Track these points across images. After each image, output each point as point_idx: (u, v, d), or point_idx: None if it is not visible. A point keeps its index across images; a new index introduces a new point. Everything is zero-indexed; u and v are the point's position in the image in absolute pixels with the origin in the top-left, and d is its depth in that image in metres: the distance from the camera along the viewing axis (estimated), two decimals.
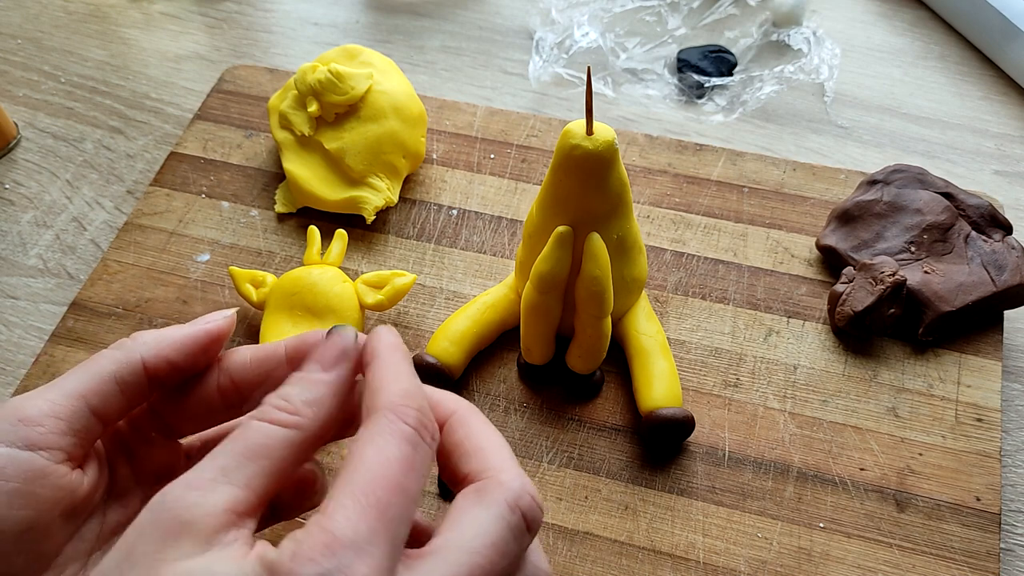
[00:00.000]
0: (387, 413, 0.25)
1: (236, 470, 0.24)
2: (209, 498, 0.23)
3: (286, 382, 0.27)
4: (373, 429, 0.25)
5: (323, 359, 0.27)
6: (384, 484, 0.24)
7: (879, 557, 0.40)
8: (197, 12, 0.69)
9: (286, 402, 0.26)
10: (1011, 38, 0.62)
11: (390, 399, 0.26)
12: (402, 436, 0.25)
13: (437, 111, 0.58)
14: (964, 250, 0.48)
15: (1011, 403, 0.47)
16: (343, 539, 0.22)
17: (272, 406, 0.26)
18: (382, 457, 0.24)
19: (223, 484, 0.24)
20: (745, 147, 0.59)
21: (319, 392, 0.26)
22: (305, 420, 0.26)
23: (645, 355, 0.44)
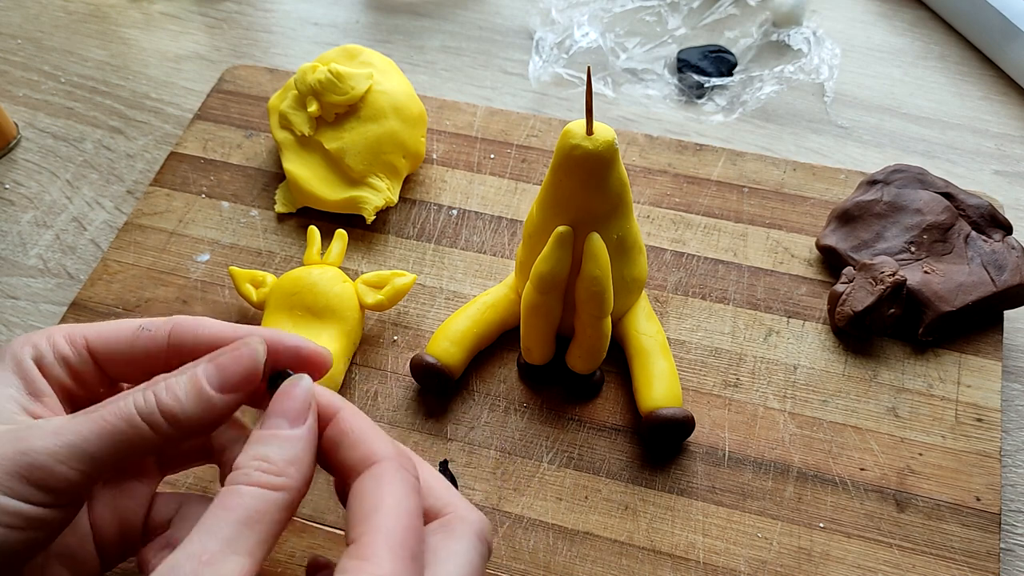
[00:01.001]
0: (392, 464, 0.27)
1: (239, 540, 0.25)
2: (221, 572, 0.24)
3: (259, 440, 0.28)
4: (385, 479, 0.27)
5: (289, 413, 0.28)
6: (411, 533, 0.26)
7: (879, 557, 0.40)
8: (197, 12, 0.69)
9: (270, 464, 0.27)
10: (1011, 38, 0.62)
11: (387, 449, 0.28)
12: (411, 486, 0.27)
13: (437, 111, 0.58)
14: (964, 250, 0.48)
15: (1011, 403, 0.47)
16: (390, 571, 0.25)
17: (256, 469, 0.27)
18: (403, 508, 0.26)
19: (231, 555, 0.25)
20: (745, 147, 0.59)
21: (297, 449, 0.27)
22: (291, 480, 0.27)
23: (645, 355, 0.44)
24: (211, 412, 0.29)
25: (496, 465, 0.43)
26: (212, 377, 0.30)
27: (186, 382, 0.29)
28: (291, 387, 0.29)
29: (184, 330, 0.33)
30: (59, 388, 0.33)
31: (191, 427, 0.29)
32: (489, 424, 0.45)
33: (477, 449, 0.44)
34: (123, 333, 0.33)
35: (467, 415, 0.45)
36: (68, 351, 0.33)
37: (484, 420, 0.45)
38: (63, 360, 0.33)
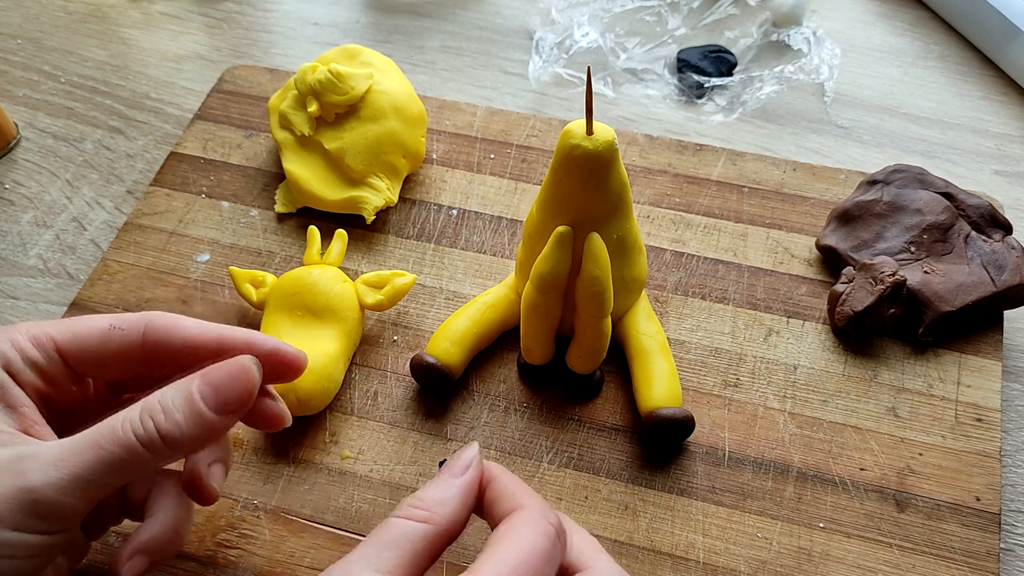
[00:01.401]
0: (533, 510, 0.29)
1: (378, 557, 0.28)
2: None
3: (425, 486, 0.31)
4: (522, 520, 0.29)
5: (453, 468, 0.31)
6: (526, 567, 0.28)
7: (879, 557, 0.40)
8: (197, 12, 0.69)
9: (421, 501, 0.30)
10: (1011, 38, 0.62)
11: (534, 501, 0.30)
12: (546, 532, 0.29)
13: (437, 111, 0.58)
14: (964, 250, 0.48)
15: (1011, 403, 0.47)
16: None
17: (409, 505, 0.30)
18: (528, 545, 0.28)
19: (367, 570, 0.27)
20: (745, 147, 0.59)
21: (449, 493, 0.30)
22: (436, 516, 0.29)
23: (645, 355, 0.44)
24: (209, 433, 0.31)
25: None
26: (209, 398, 0.31)
27: (183, 405, 0.30)
28: (463, 451, 0.32)
29: (159, 330, 0.34)
30: (33, 392, 0.33)
31: (190, 449, 0.30)
32: (489, 424, 0.45)
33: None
34: (94, 332, 0.34)
35: (467, 415, 0.45)
36: (37, 355, 0.33)
37: (484, 420, 0.45)
38: (33, 365, 0.33)
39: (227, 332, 0.34)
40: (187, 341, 0.34)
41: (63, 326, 0.34)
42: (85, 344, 0.34)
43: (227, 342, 0.34)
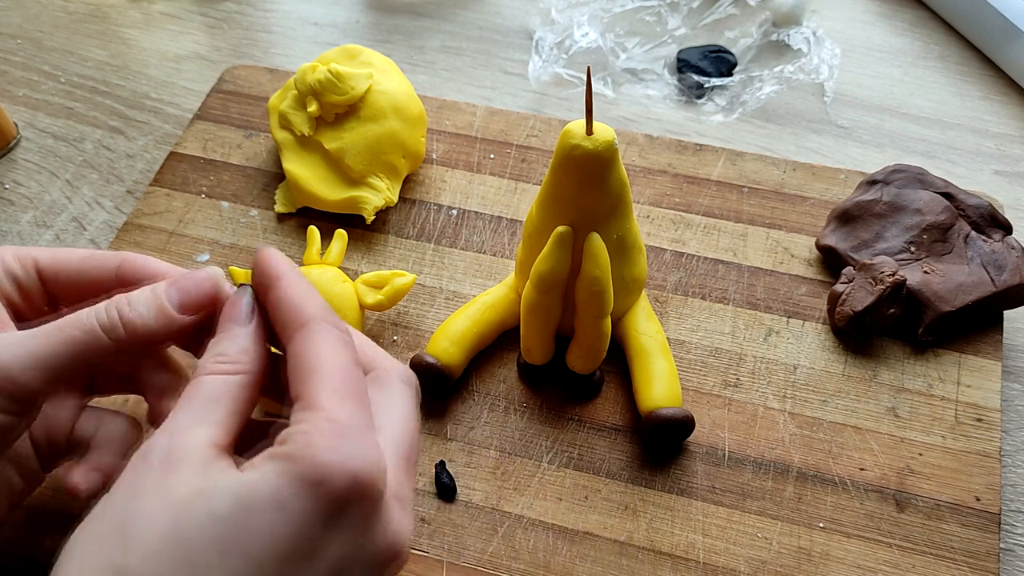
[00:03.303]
0: (321, 323, 0.30)
1: (205, 413, 0.28)
2: (191, 438, 0.27)
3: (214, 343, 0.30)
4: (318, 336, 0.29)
5: (237, 318, 0.31)
6: (351, 379, 0.29)
7: (879, 557, 0.40)
8: (197, 12, 0.69)
9: (224, 355, 0.30)
10: (1011, 38, 0.62)
11: (316, 311, 0.30)
12: (342, 340, 0.30)
13: (437, 111, 0.58)
14: (964, 250, 0.48)
15: (1011, 403, 0.47)
16: (349, 425, 0.27)
17: (213, 361, 0.30)
18: (339, 359, 0.29)
19: (198, 425, 0.28)
20: (745, 147, 0.59)
21: (247, 341, 0.30)
22: (245, 365, 0.30)
23: (645, 355, 0.44)
24: (169, 329, 0.32)
25: (496, 465, 0.43)
26: (174, 298, 0.32)
27: (148, 299, 0.32)
28: (237, 297, 0.32)
29: (133, 265, 0.35)
30: (5, 301, 0.35)
31: (148, 342, 0.31)
32: (489, 424, 0.45)
33: (477, 449, 0.44)
34: (72, 258, 0.36)
35: (467, 415, 0.45)
36: (17, 269, 0.35)
37: (484, 420, 0.45)
38: (12, 277, 0.35)
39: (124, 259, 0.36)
40: (161, 275, 0.35)
41: (45, 250, 0.36)
42: (63, 267, 0.36)
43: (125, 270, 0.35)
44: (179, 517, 0.25)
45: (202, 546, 0.25)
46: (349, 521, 0.27)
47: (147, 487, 0.26)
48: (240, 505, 0.26)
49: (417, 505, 0.42)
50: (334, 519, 0.27)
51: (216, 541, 0.25)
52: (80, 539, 0.26)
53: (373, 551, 0.28)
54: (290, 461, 0.26)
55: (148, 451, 0.27)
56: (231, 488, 0.26)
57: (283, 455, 0.26)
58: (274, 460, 0.26)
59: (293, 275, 0.31)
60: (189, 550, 0.25)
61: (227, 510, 0.25)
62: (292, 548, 0.26)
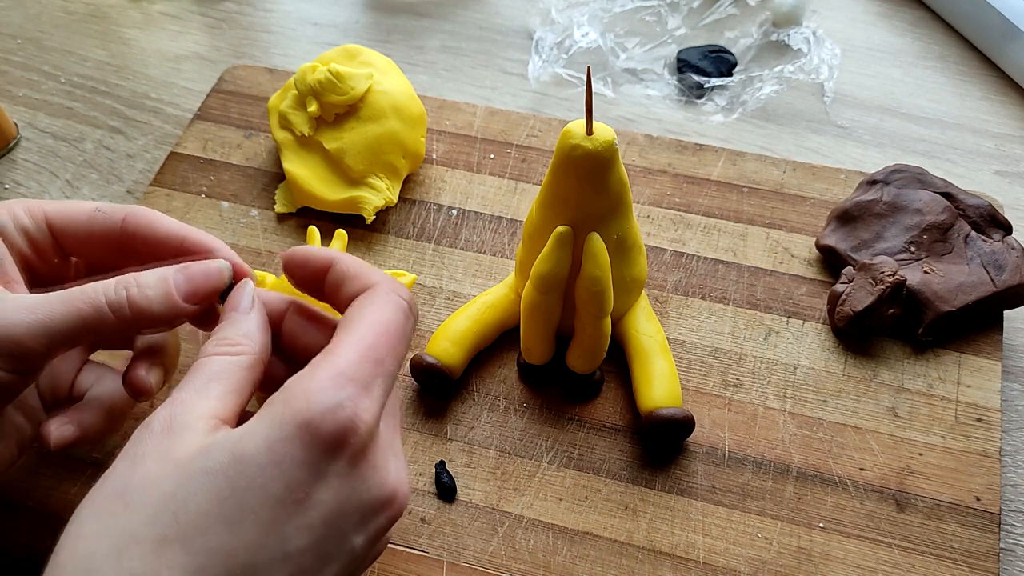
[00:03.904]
0: (384, 287, 0.31)
1: (206, 389, 0.29)
2: (193, 407, 0.28)
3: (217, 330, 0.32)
4: (374, 298, 0.30)
5: (239, 307, 0.33)
6: (383, 341, 0.29)
7: (879, 557, 0.40)
8: (197, 12, 0.69)
9: (227, 339, 0.31)
10: (1011, 38, 0.62)
11: (381, 278, 0.31)
12: (399, 307, 0.30)
13: (437, 111, 0.58)
14: (964, 250, 0.48)
15: (1011, 403, 0.47)
16: (350, 375, 0.28)
17: (215, 344, 0.31)
18: (383, 319, 0.30)
19: (200, 399, 0.29)
20: (745, 147, 0.59)
21: (249, 326, 0.32)
22: (247, 347, 0.31)
23: (645, 355, 0.44)
24: (171, 315, 0.33)
25: (496, 465, 0.43)
26: (182, 287, 0.33)
27: (157, 284, 0.33)
28: (239, 290, 0.33)
29: (139, 221, 0.36)
30: (18, 255, 0.36)
31: (151, 324, 0.33)
32: (489, 424, 0.45)
33: (477, 449, 0.44)
34: (81, 212, 0.37)
35: (467, 415, 0.45)
36: (28, 222, 0.36)
37: (484, 420, 0.45)
38: (23, 230, 0.36)
39: (193, 235, 0.36)
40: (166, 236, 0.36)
41: (55, 204, 0.37)
42: (71, 219, 0.37)
43: (192, 243, 0.36)
44: (179, 476, 0.26)
45: (199, 500, 0.26)
46: (338, 468, 0.27)
47: (149, 453, 0.27)
48: (232, 457, 0.26)
49: (417, 505, 0.42)
50: (322, 464, 0.27)
51: (212, 493, 0.26)
52: (85, 509, 0.27)
53: (367, 498, 0.28)
54: (282, 405, 0.27)
55: (150, 421, 0.28)
56: (227, 440, 0.27)
57: (279, 400, 0.27)
58: (271, 405, 0.27)
59: (345, 254, 0.33)
60: (188, 506, 0.26)
61: (221, 462, 0.26)
62: (283, 495, 0.26)
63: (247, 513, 0.26)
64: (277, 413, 0.27)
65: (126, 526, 0.26)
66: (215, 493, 0.26)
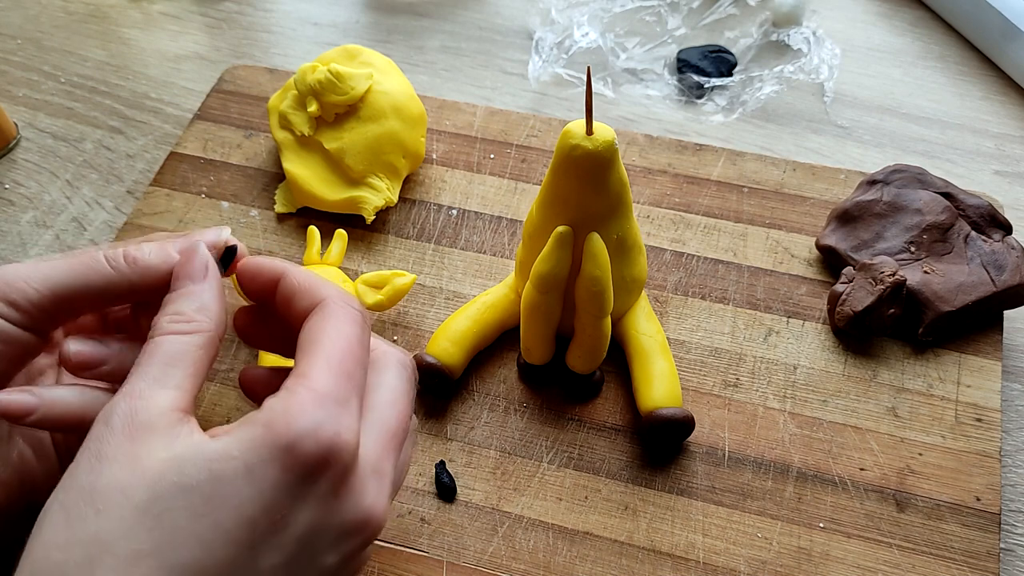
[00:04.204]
0: (337, 301, 0.30)
1: (165, 376, 0.28)
2: (154, 402, 0.27)
3: (169, 301, 0.31)
4: (329, 313, 0.30)
5: (192, 274, 0.32)
6: (349, 357, 0.29)
7: (879, 557, 0.40)
8: (197, 12, 0.69)
9: (181, 315, 0.30)
10: (1011, 38, 0.62)
11: (332, 292, 0.31)
12: (354, 319, 0.30)
13: (437, 111, 0.58)
14: (964, 250, 0.48)
15: (1011, 403, 0.47)
16: (328, 395, 0.27)
17: (170, 322, 0.30)
18: (343, 335, 0.30)
19: (159, 389, 0.28)
20: (745, 147, 0.59)
21: (204, 299, 0.31)
22: (203, 324, 0.30)
23: (645, 355, 0.44)
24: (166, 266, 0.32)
25: (496, 465, 0.43)
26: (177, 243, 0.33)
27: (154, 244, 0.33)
28: (190, 252, 0.32)
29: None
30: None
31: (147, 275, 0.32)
32: (489, 424, 0.45)
33: (477, 449, 0.44)
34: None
35: (467, 415, 0.45)
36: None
37: (484, 420, 0.45)
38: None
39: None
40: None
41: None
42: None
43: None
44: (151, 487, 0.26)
45: (175, 517, 0.25)
46: (318, 490, 0.27)
47: (114, 455, 0.26)
48: (210, 474, 0.26)
49: (417, 505, 0.42)
50: (302, 487, 0.27)
51: (188, 511, 0.25)
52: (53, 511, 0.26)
53: (342, 521, 0.28)
54: (262, 427, 0.26)
55: (109, 416, 0.27)
56: (203, 456, 0.26)
57: (258, 420, 0.27)
58: (248, 425, 0.27)
59: (295, 266, 0.32)
60: (162, 521, 0.25)
61: (198, 479, 0.26)
62: (260, 516, 0.26)
63: (222, 532, 0.26)
64: (257, 435, 0.26)
65: (97, 534, 0.25)
66: (191, 511, 0.25)
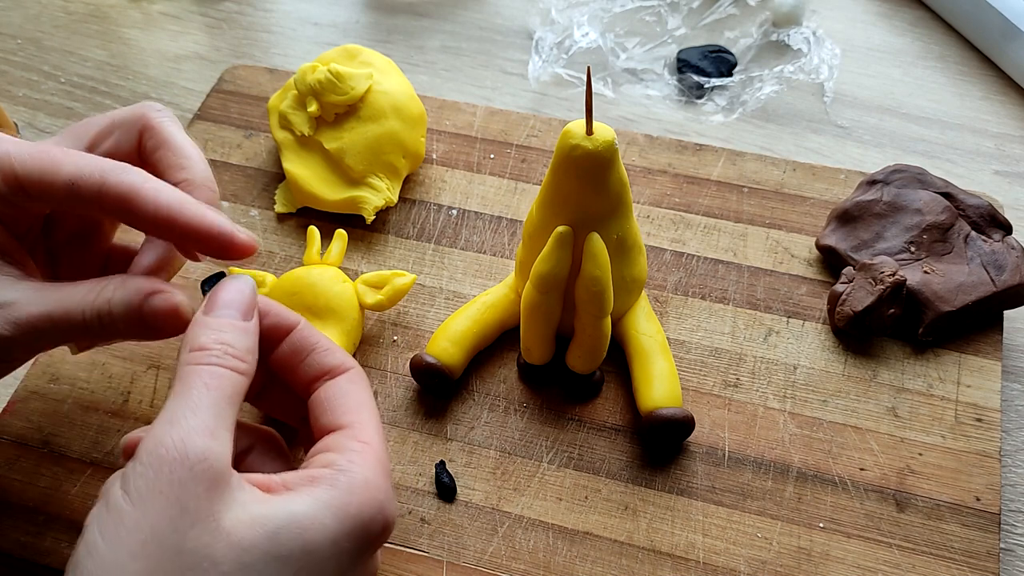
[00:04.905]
0: (361, 372, 0.33)
1: (224, 415, 0.28)
2: (222, 447, 0.27)
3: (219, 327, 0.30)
4: (362, 383, 0.33)
5: (240, 306, 0.31)
6: (377, 420, 0.32)
7: (879, 557, 0.40)
8: (197, 12, 0.69)
9: (235, 350, 0.29)
10: (1011, 38, 0.62)
11: (347, 359, 0.33)
12: (369, 388, 0.34)
13: (437, 111, 0.58)
14: (964, 250, 0.48)
15: (1011, 403, 0.47)
16: (386, 465, 0.30)
17: (226, 353, 0.29)
18: (370, 403, 0.33)
19: (223, 430, 0.27)
20: (745, 147, 0.59)
21: (251, 341, 0.31)
22: (250, 367, 0.30)
23: (645, 355, 0.44)
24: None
25: (496, 465, 0.43)
26: None
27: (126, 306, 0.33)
28: (237, 281, 0.32)
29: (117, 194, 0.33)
30: None
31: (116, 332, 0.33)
32: (489, 424, 0.45)
33: (477, 449, 0.44)
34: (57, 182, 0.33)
35: (467, 415, 0.45)
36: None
37: (484, 420, 0.45)
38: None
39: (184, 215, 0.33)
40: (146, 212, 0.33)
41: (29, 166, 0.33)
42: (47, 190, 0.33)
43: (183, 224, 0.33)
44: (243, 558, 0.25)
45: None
46: (369, 554, 0.30)
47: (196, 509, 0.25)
48: (303, 548, 0.26)
49: (417, 505, 0.42)
50: (364, 555, 0.29)
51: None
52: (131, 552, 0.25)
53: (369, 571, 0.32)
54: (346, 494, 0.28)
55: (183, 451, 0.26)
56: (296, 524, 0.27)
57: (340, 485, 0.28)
58: (330, 489, 0.28)
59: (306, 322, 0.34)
60: None
61: (290, 550, 0.26)
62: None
63: None
64: (342, 504, 0.28)
65: None
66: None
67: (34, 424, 0.45)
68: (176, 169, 0.37)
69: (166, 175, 0.37)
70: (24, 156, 0.33)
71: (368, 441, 0.30)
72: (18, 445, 0.44)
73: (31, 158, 0.33)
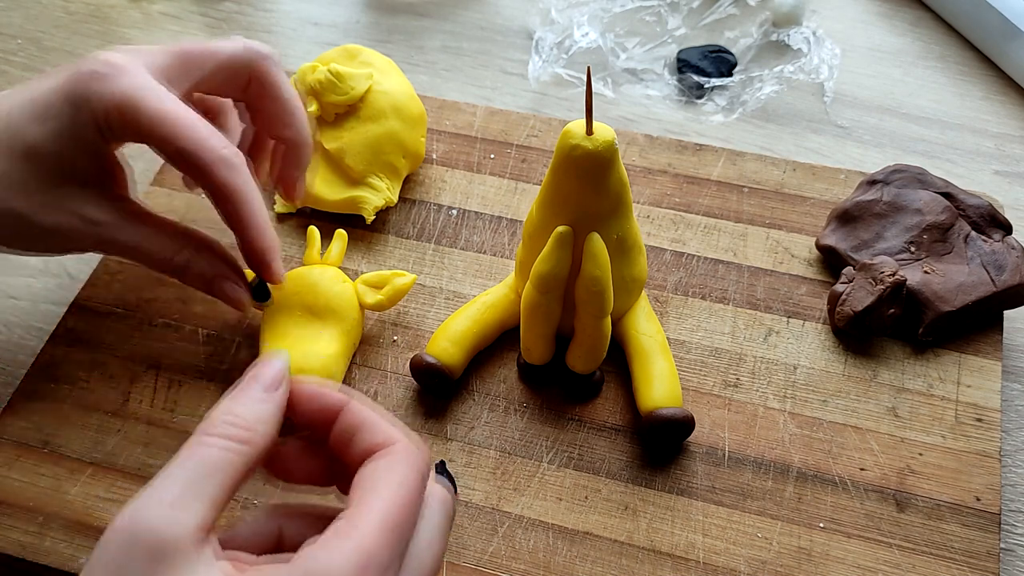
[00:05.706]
0: (407, 446, 0.28)
1: (199, 486, 0.25)
2: (183, 517, 0.25)
3: (232, 399, 0.28)
4: (397, 459, 0.28)
5: (265, 380, 0.28)
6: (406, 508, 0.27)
7: (879, 557, 0.40)
8: (197, 12, 0.69)
9: (239, 419, 0.27)
10: (1011, 38, 0.62)
11: (399, 435, 0.28)
12: (418, 467, 0.28)
13: (437, 111, 0.58)
14: (964, 250, 0.48)
15: (1011, 403, 0.47)
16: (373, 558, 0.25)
17: (224, 423, 0.27)
18: (406, 485, 0.27)
19: (192, 501, 0.25)
20: (745, 147, 0.59)
21: (266, 411, 0.28)
22: (257, 437, 0.27)
23: (645, 355, 0.44)
24: None
25: (496, 465, 0.43)
26: None
27: None
28: (270, 358, 0.29)
29: None
30: None
31: None
32: (489, 424, 0.45)
33: (477, 449, 0.44)
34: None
35: (467, 415, 0.45)
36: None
37: (484, 420, 0.45)
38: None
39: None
40: None
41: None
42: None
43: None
44: None
45: None
46: None
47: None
48: None
49: None
50: None
51: None
52: None
53: None
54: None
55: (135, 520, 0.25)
56: None
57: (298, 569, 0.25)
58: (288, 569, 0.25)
59: (359, 395, 0.30)
60: None
61: None
62: None
63: None
64: None
65: None
66: None
67: (34, 424, 0.45)
68: (281, 125, 0.44)
69: (270, 126, 0.45)
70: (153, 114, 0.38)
71: (356, 526, 0.26)
72: (18, 445, 0.44)
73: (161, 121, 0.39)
